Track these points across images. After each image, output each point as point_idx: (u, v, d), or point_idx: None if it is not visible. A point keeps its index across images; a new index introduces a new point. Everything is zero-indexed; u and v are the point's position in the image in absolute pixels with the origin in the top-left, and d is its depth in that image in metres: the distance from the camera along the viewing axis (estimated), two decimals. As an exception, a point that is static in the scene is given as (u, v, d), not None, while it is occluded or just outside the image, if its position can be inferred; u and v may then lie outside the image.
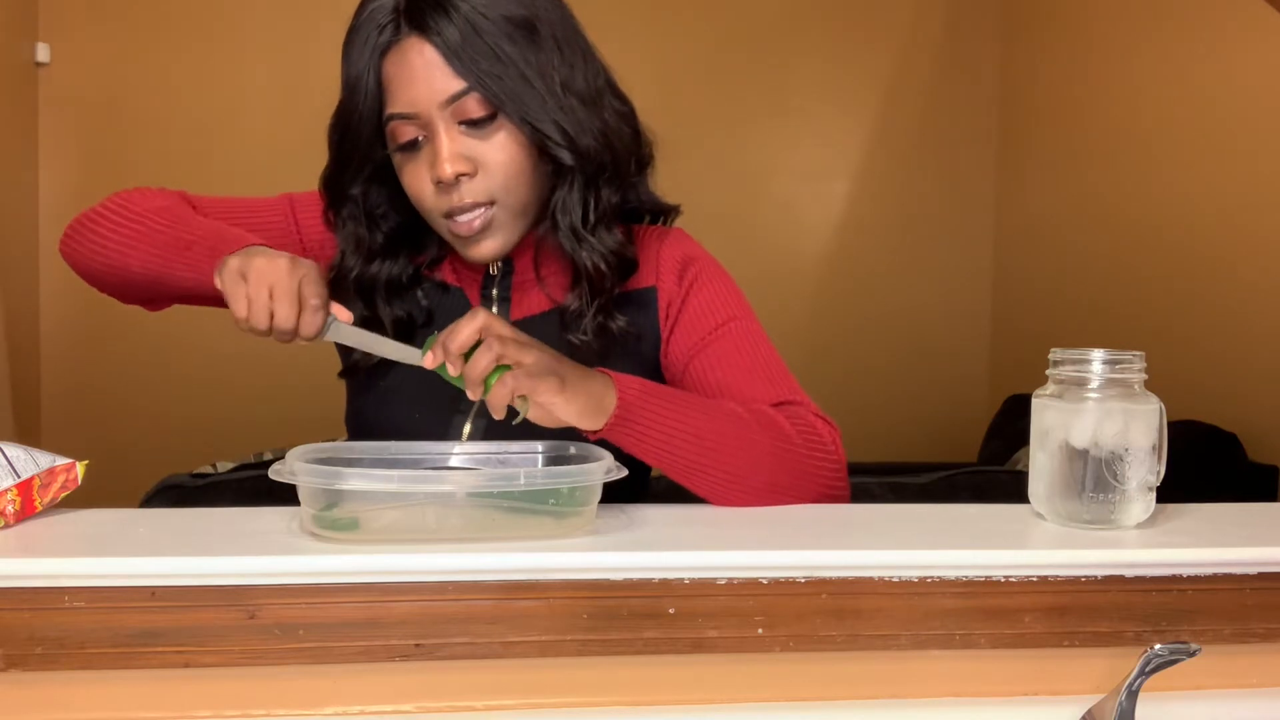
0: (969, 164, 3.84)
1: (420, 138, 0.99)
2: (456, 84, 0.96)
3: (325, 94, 1.07)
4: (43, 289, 3.18)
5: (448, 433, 1.04)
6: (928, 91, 3.81)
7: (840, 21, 3.74)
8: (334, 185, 1.06)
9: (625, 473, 0.81)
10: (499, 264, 1.08)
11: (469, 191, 0.98)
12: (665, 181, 1.10)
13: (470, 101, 0.96)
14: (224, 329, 1.02)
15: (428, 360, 0.86)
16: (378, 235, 1.07)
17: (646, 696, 0.76)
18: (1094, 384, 0.83)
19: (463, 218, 0.99)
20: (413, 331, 1.08)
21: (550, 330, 1.04)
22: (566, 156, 1.00)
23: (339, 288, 1.06)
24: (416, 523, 0.78)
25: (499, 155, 0.99)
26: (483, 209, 1.00)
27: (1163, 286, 2.89)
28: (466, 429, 1.04)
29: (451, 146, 0.97)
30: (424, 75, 0.96)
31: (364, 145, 1.01)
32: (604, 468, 0.80)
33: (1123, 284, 3.07)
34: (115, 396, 3.31)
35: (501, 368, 0.84)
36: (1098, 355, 0.84)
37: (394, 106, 0.98)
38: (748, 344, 1.07)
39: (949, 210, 3.85)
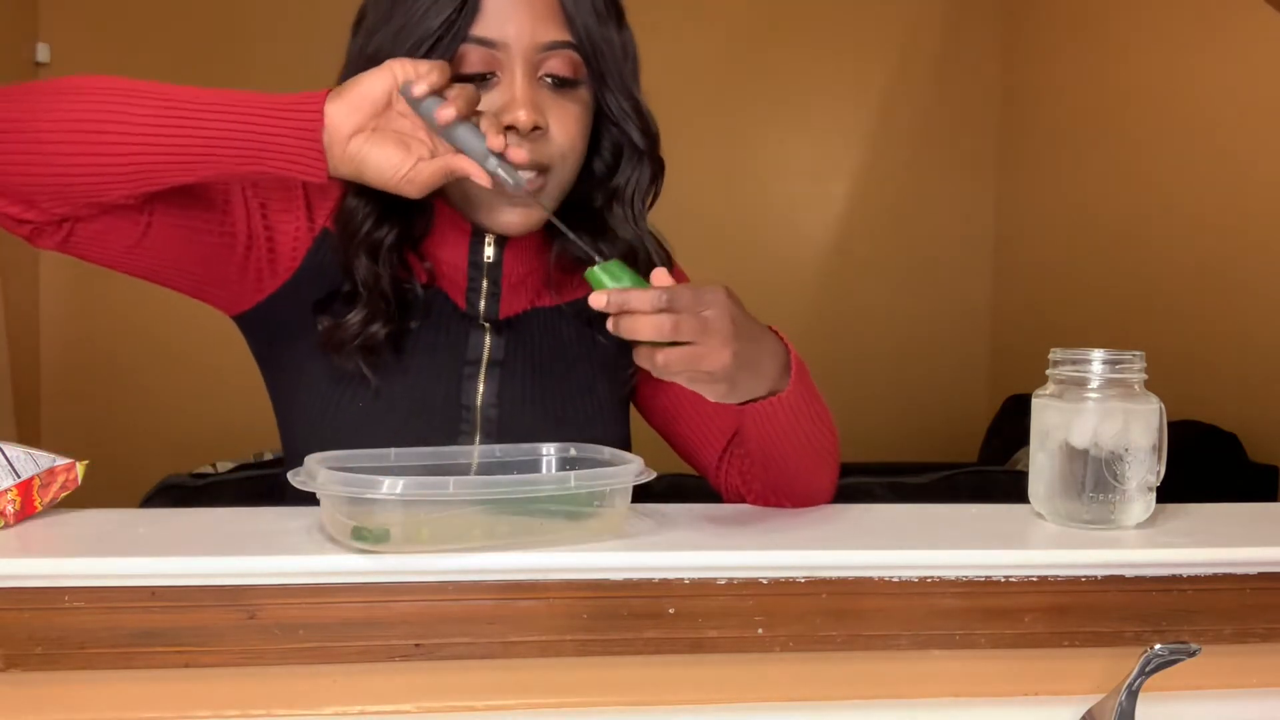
0: (969, 164, 3.84)
1: (489, 74, 0.92)
2: (562, 34, 0.92)
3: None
4: (43, 289, 3.17)
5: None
6: (929, 91, 3.82)
7: (841, 22, 3.74)
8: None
9: (655, 475, 0.80)
10: (491, 254, 1.00)
11: (534, 149, 0.91)
12: (665, 181, 1.09)
13: (566, 57, 0.93)
14: (225, 328, 1.02)
15: (597, 300, 0.72)
16: None
17: (646, 696, 0.76)
18: (1094, 384, 0.83)
19: (521, 174, 0.91)
20: (402, 334, 0.96)
21: (537, 328, 1.01)
22: (638, 137, 0.98)
23: (347, 234, 0.95)
24: (461, 532, 0.73)
25: (569, 121, 0.94)
26: (537, 174, 0.93)
27: (1163, 286, 2.89)
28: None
29: (530, 94, 0.91)
30: (534, 12, 0.91)
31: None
32: (635, 470, 0.78)
33: (1123, 284, 3.07)
34: (115, 396, 3.31)
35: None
36: (1098, 355, 0.84)
37: (481, 30, 0.90)
38: None
39: (949, 210, 3.85)
